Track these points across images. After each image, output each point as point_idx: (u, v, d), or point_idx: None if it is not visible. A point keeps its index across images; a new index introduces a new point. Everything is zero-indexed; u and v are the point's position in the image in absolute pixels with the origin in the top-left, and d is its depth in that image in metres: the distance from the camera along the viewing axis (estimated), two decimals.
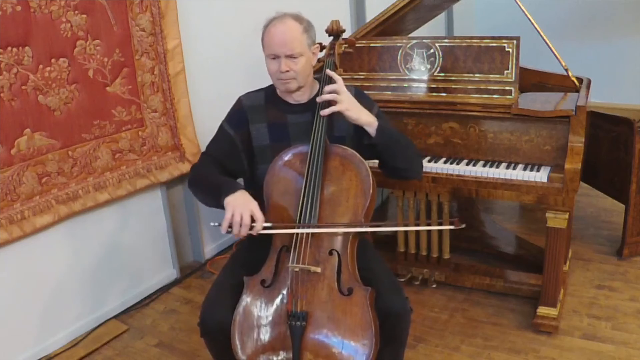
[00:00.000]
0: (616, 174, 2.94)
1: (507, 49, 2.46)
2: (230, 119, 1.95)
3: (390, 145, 1.85)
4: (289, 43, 1.78)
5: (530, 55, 2.95)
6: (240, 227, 1.63)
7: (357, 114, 1.80)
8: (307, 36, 1.83)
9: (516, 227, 3.42)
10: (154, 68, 2.74)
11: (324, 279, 1.65)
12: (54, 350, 2.48)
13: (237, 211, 1.63)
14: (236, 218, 1.63)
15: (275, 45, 1.79)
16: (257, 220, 1.65)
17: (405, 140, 1.94)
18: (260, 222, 1.65)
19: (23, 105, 2.26)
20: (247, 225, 1.63)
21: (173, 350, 2.49)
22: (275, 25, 1.80)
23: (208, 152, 1.94)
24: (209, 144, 1.97)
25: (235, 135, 1.91)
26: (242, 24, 2.98)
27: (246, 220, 1.63)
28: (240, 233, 1.64)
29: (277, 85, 1.88)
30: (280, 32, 1.78)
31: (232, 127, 1.92)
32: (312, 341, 1.59)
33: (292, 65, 1.80)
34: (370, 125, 1.82)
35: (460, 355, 2.33)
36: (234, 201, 1.66)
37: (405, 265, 2.82)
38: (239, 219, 1.63)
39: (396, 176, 1.98)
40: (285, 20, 1.81)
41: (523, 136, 2.38)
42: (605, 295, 2.66)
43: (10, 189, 2.26)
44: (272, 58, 1.82)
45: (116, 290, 2.77)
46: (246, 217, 1.63)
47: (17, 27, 2.19)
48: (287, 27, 1.79)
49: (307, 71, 1.86)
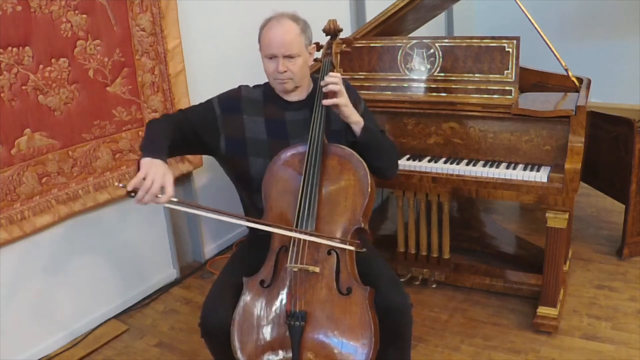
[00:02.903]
0: (616, 174, 2.94)
1: (507, 49, 2.46)
2: (222, 99, 1.94)
3: (372, 146, 1.87)
4: (287, 43, 1.78)
5: (530, 55, 2.95)
6: (146, 193, 1.53)
7: (350, 112, 1.83)
8: (305, 37, 1.84)
9: (516, 227, 3.42)
10: (154, 68, 2.74)
11: (322, 279, 1.65)
12: (54, 350, 2.48)
13: (149, 176, 1.54)
14: (146, 183, 1.53)
15: (273, 45, 1.79)
16: (166, 192, 1.55)
17: (387, 141, 1.97)
18: (168, 196, 1.55)
19: (23, 105, 2.26)
20: (154, 194, 1.53)
21: (173, 350, 2.49)
22: (273, 26, 1.81)
23: (185, 112, 1.92)
24: (190, 107, 1.96)
25: (221, 115, 1.90)
26: (242, 24, 2.98)
27: (154, 189, 1.53)
28: (143, 199, 1.53)
29: (274, 85, 1.89)
30: (279, 33, 1.79)
31: (221, 107, 1.91)
32: (311, 341, 1.59)
33: (289, 65, 1.81)
34: (357, 124, 1.84)
35: (460, 355, 2.33)
36: (151, 165, 1.57)
37: (405, 265, 2.82)
38: (149, 185, 1.53)
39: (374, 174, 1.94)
40: (283, 21, 1.81)
41: (523, 136, 2.39)
42: (605, 295, 2.66)
43: (10, 189, 2.26)
44: (270, 58, 1.83)
45: (116, 290, 2.77)
46: (156, 186, 1.53)
47: (17, 27, 2.19)
48: (285, 27, 1.80)
49: (304, 71, 1.87)
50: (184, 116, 1.89)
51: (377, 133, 1.91)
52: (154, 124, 1.83)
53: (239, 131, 1.90)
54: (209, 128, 1.89)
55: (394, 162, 2.00)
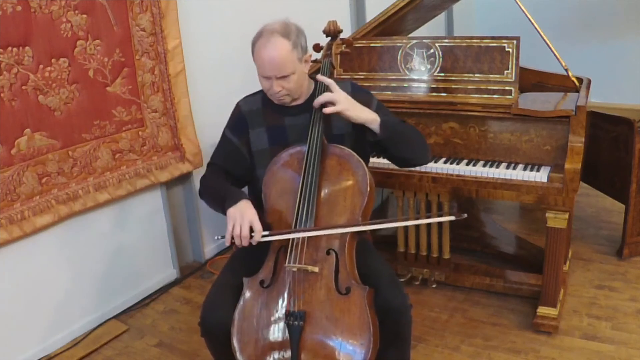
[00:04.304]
0: (616, 174, 2.94)
1: (507, 49, 2.46)
2: (231, 126, 1.96)
3: (395, 139, 1.83)
4: (279, 66, 1.75)
5: (530, 55, 2.95)
6: (240, 239, 1.68)
7: (358, 113, 1.78)
8: (297, 51, 1.78)
9: (516, 227, 3.42)
10: (154, 68, 2.74)
11: (321, 279, 1.65)
12: (54, 350, 2.49)
13: (236, 224, 1.67)
14: (236, 231, 1.67)
15: (265, 68, 1.77)
16: (255, 231, 1.68)
17: (409, 129, 1.93)
18: (259, 233, 1.68)
19: (23, 105, 2.26)
20: (246, 237, 1.67)
21: (173, 350, 2.49)
22: (263, 46, 1.75)
23: (213, 162, 1.97)
24: (214, 153, 1.99)
25: (239, 142, 1.92)
26: (242, 24, 2.97)
27: (244, 232, 1.67)
28: (242, 244, 1.69)
29: (272, 99, 1.88)
30: (269, 57, 1.74)
31: (235, 134, 1.93)
32: (310, 341, 1.59)
33: (284, 84, 1.80)
34: (373, 123, 1.80)
35: (460, 355, 2.33)
36: (234, 213, 1.70)
37: (405, 265, 2.82)
38: (239, 232, 1.67)
39: (406, 166, 2.00)
40: (273, 40, 1.74)
41: (523, 136, 2.38)
42: (605, 295, 2.66)
43: (11, 189, 2.26)
44: (264, 77, 1.81)
45: (116, 290, 2.77)
46: (245, 229, 1.67)
47: (17, 27, 2.19)
48: (275, 48, 1.73)
49: (300, 83, 1.85)
50: (217, 167, 1.94)
51: (397, 125, 1.87)
52: (206, 189, 1.91)
53: (249, 147, 1.93)
54: (238, 162, 1.93)
55: (423, 148, 1.94)
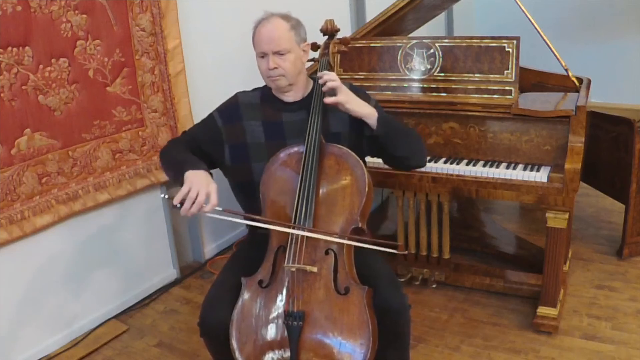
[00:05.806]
0: (616, 174, 2.94)
1: (507, 49, 2.45)
2: (221, 110, 1.96)
3: (391, 135, 1.85)
4: (275, 39, 1.80)
5: (530, 55, 2.95)
6: (192, 204, 1.59)
7: (358, 106, 1.81)
8: (295, 33, 1.85)
9: (516, 227, 3.42)
10: (154, 68, 2.74)
11: (320, 279, 1.65)
12: (54, 350, 2.49)
13: (194, 187, 1.60)
14: (192, 194, 1.59)
15: (262, 42, 1.82)
16: (211, 201, 1.61)
17: (406, 128, 1.96)
18: (212, 205, 1.61)
19: (23, 105, 2.26)
20: (200, 203, 1.59)
21: (173, 350, 2.49)
22: (262, 25, 1.84)
23: (189, 133, 1.97)
24: (193, 127, 2.01)
25: (223, 126, 1.92)
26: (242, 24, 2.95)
27: (200, 198, 1.59)
28: (190, 210, 1.60)
29: (268, 83, 1.90)
30: (267, 31, 1.81)
31: (222, 118, 1.93)
32: (309, 341, 1.59)
33: (280, 62, 1.81)
34: (370, 117, 1.82)
35: (460, 355, 2.33)
36: (194, 177, 1.63)
37: (405, 265, 2.82)
38: (194, 196, 1.59)
39: (401, 166, 1.98)
40: (272, 19, 1.84)
41: (523, 136, 2.38)
42: (605, 295, 2.65)
43: (10, 189, 2.27)
44: (262, 57, 1.84)
45: (116, 290, 2.77)
46: (201, 195, 1.59)
47: (17, 27, 2.19)
48: (273, 25, 1.82)
49: (297, 68, 1.86)
50: (189, 137, 1.93)
51: (393, 121, 1.89)
52: (169, 150, 1.88)
53: (240, 138, 1.91)
54: (213, 142, 1.92)
55: (420, 147, 1.94)
